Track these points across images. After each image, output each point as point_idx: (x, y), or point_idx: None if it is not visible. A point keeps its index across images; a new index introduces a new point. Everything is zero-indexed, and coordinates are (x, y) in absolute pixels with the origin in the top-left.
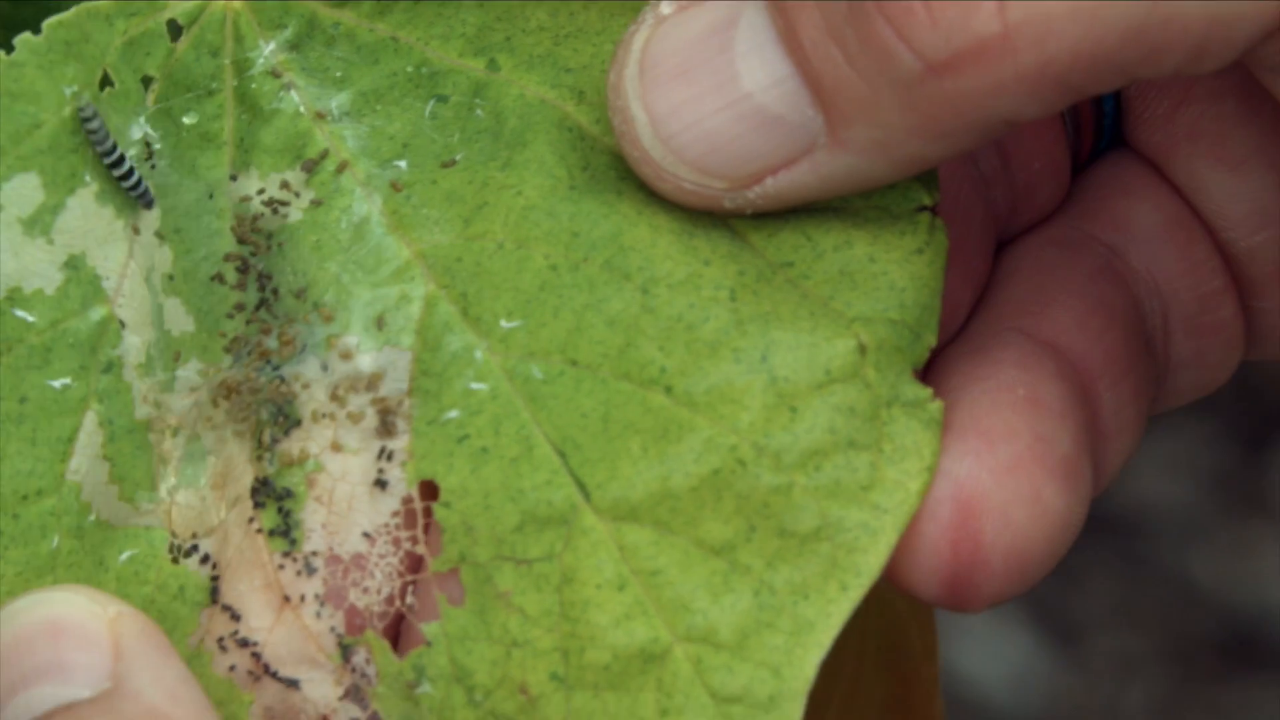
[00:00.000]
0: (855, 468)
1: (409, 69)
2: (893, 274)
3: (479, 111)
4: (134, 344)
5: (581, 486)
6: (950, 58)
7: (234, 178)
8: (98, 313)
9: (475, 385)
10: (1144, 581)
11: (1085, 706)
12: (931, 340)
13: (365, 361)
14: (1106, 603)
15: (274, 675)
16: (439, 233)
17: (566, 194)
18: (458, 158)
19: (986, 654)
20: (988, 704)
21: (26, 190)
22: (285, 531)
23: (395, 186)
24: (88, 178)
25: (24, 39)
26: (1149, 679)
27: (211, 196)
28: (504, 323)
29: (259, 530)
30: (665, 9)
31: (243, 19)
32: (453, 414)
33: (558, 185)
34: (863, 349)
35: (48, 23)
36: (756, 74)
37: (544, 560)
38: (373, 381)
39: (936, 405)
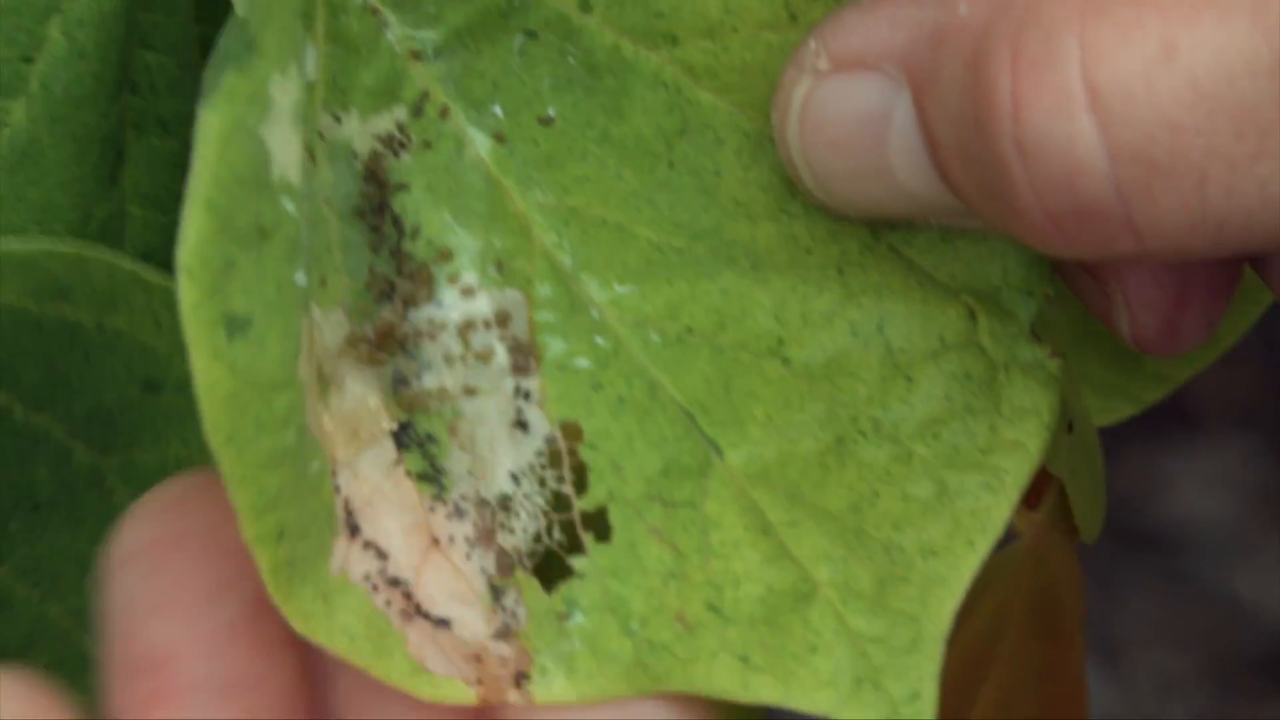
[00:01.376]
0: (973, 433)
1: (501, 4)
2: (992, 238)
3: (570, 59)
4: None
5: (714, 445)
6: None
7: (337, 118)
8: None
9: (598, 340)
10: (1186, 599)
11: None
12: (1046, 291)
13: (485, 300)
14: (1148, 620)
15: (425, 615)
16: (542, 194)
17: (666, 175)
18: (552, 113)
19: None
20: None
21: (291, 81)
22: (433, 477)
23: (499, 138)
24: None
25: None
26: (1192, 697)
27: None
28: (617, 287)
29: (408, 473)
30: (822, 64)
31: None
32: (583, 362)
33: (657, 164)
34: (973, 315)
35: None
36: (909, 172)
37: (688, 506)
38: (500, 319)
39: (1055, 363)
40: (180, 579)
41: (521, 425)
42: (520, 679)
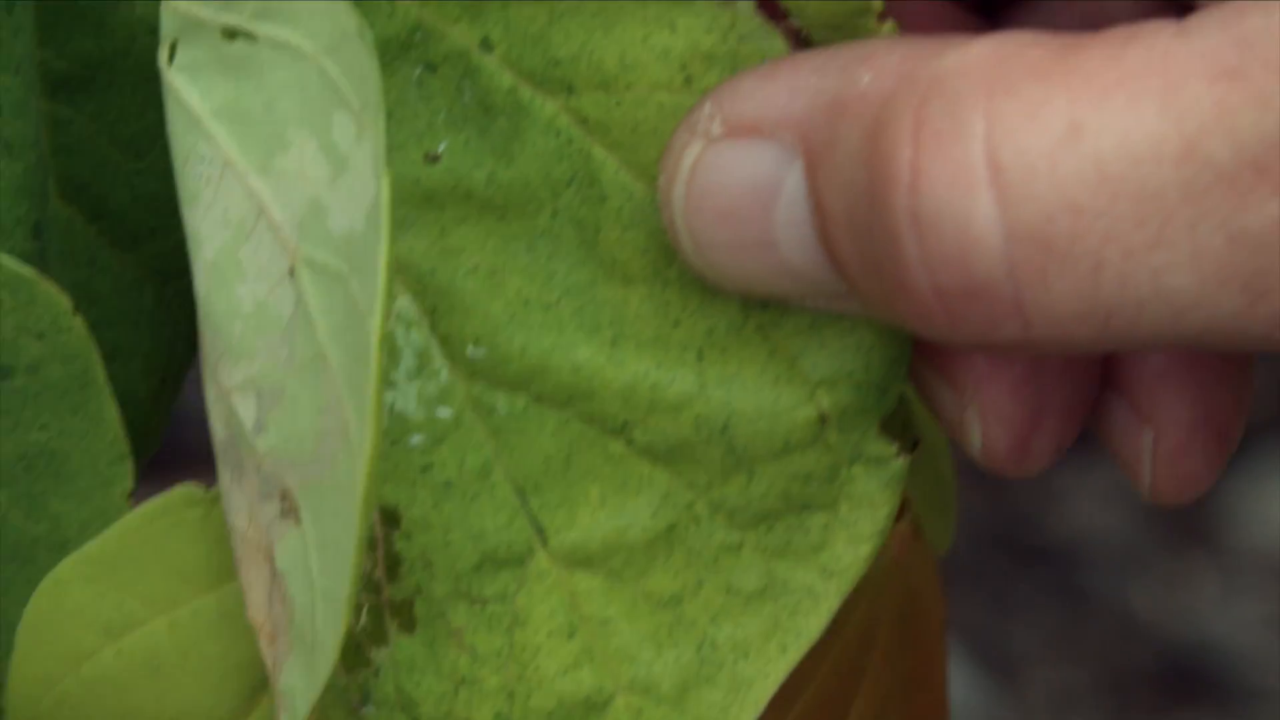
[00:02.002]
0: (808, 529)
1: (403, 35)
2: (861, 331)
3: (466, 97)
4: None
5: (540, 530)
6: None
7: None
8: None
9: (440, 411)
10: (1081, 613)
11: None
12: (899, 389)
13: None
14: (1043, 635)
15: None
16: (414, 236)
17: (548, 224)
18: (441, 150)
19: None
20: None
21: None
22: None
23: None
24: None
25: None
26: (1087, 712)
27: None
28: (470, 349)
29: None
30: (715, 129)
31: None
32: (417, 439)
33: (540, 211)
34: (824, 419)
35: None
36: (792, 246)
37: (498, 601)
38: None
39: (899, 463)
40: None
41: None
42: None
